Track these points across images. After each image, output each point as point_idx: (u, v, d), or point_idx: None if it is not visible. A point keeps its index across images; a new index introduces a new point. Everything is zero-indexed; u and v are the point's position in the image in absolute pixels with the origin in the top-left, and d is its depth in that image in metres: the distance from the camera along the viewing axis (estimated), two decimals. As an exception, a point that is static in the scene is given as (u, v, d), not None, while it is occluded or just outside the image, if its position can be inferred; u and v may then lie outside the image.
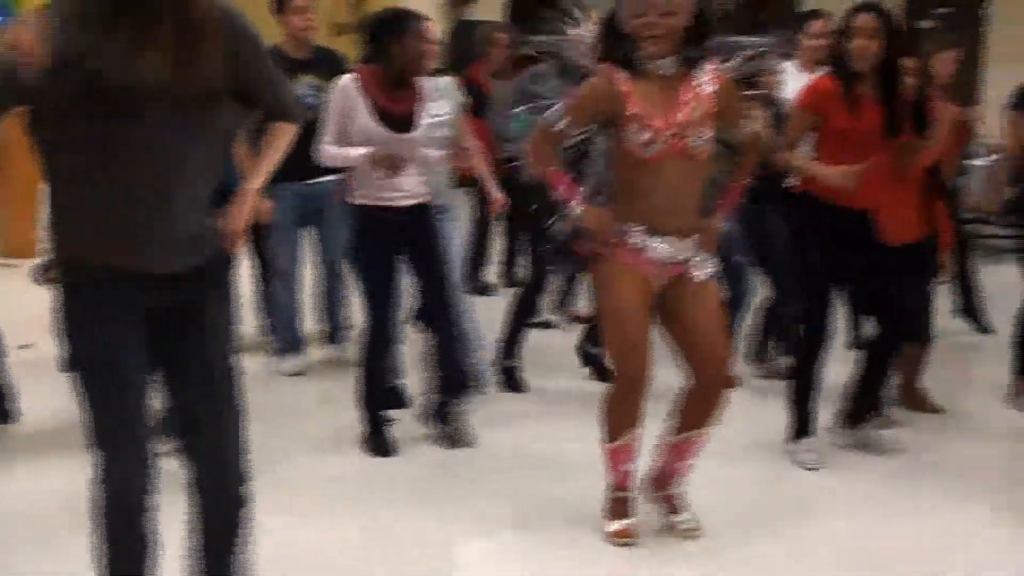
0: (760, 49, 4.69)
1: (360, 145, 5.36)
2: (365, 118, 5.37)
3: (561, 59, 4.65)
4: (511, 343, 6.82)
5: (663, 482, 4.85)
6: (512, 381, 6.81)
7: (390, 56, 5.40)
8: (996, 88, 9.35)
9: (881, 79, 5.39)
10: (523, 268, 7.83)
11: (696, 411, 4.67)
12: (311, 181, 6.49)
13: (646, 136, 4.32)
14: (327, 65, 6.63)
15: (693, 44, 4.41)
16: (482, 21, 14.75)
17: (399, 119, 5.43)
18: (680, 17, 4.31)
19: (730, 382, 4.76)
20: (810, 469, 5.64)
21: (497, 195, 6.59)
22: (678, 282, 4.56)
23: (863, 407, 5.85)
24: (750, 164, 4.74)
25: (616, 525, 4.72)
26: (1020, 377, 6.72)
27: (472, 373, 6.15)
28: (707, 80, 4.45)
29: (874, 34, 5.30)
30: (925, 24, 14.12)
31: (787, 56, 6.48)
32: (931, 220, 6.14)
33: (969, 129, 7.52)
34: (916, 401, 6.53)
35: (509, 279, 9.23)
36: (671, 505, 4.84)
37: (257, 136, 3.61)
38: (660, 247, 4.47)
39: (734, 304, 6.86)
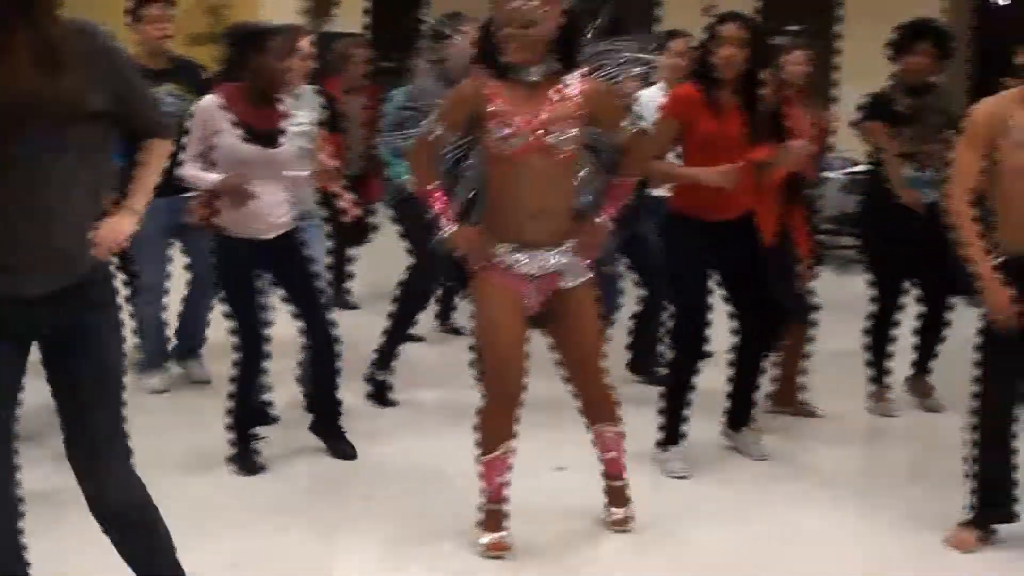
0: (625, 54, 4.78)
1: (226, 163, 5.26)
2: (231, 136, 5.27)
3: (441, 68, 4.64)
4: (388, 356, 6.72)
5: (604, 474, 4.95)
6: (381, 395, 6.68)
7: (252, 72, 5.30)
8: (848, 105, 9.49)
9: (743, 87, 5.45)
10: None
11: (590, 408, 4.83)
12: (179, 196, 6.27)
13: (506, 131, 4.35)
14: (185, 74, 6.53)
15: (561, 53, 4.47)
16: (342, 34, 14.71)
17: (265, 135, 5.33)
18: (542, 28, 4.36)
19: (607, 393, 4.83)
20: (679, 478, 5.64)
21: (351, 207, 6.41)
22: (557, 292, 4.58)
23: (741, 411, 5.92)
24: (634, 164, 4.75)
25: (489, 538, 4.67)
26: (876, 385, 6.81)
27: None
28: (574, 84, 4.48)
29: (741, 43, 5.38)
30: (778, 41, 14.35)
31: (647, 74, 6.47)
32: (789, 227, 6.23)
33: (824, 139, 7.62)
34: (793, 403, 6.62)
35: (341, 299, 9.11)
36: (608, 496, 4.93)
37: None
38: (527, 263, 4.48)
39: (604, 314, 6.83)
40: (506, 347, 4.51)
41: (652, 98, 6.66)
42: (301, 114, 5.75)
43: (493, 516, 4.70)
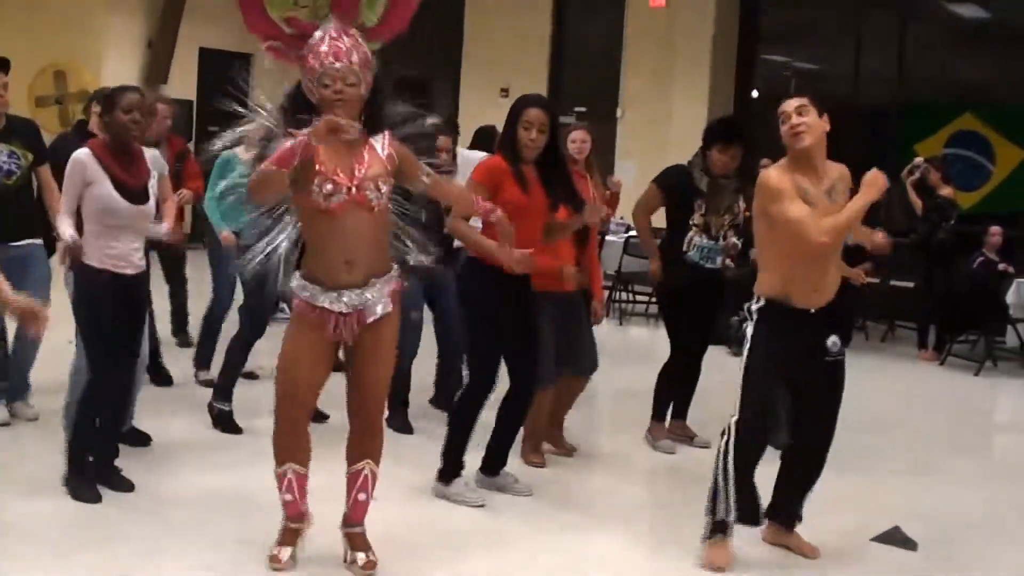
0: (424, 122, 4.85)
1: (100, 214, 5.22)
2: (109, 189, 5.22)
3: (260, 133, 4.58)
4: (227, 386, 6.71)
5: (346, 519, 4.70)
6: (228, 424, 6.61)
7: (107, 129, 5.35)
8: (625, 176, 9.75)
9: (544, 162, 5.56)
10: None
11: (355, 444, 4.65)
12: (13, 243, 6.17)
13: (330, 187, 4.33)
14: (23, 134, 6.32)
15: (370, 112, 4.50)
16: (175, 100, 14.52)
17: (135, 192, 5.32)
18: (360, 87, 4.40)
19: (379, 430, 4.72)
20: (477, 506, 5.56)
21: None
22: (363, 326, 4.51)
23: (500, 457, 5.83)
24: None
25: (276, 551, 4.59)
26: (654, 420, 6.92)
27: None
28: (382, 143, 4.52)
29: (542, 127, 5.49)
30: (564, 120, 14.65)
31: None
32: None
33: (615, 203, 7.81)
34: (556, 439, 6.59)
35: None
36: (353, 542, 4.68)
37: None
38: (336, 302, 4.42)
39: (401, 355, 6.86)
40: (293, 382, 4.47)
41: (470, 160, 6.72)
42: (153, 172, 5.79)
43: (287, 532, 4.63)
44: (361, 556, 4.62)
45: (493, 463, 5.84)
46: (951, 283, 10.72)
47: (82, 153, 5.29)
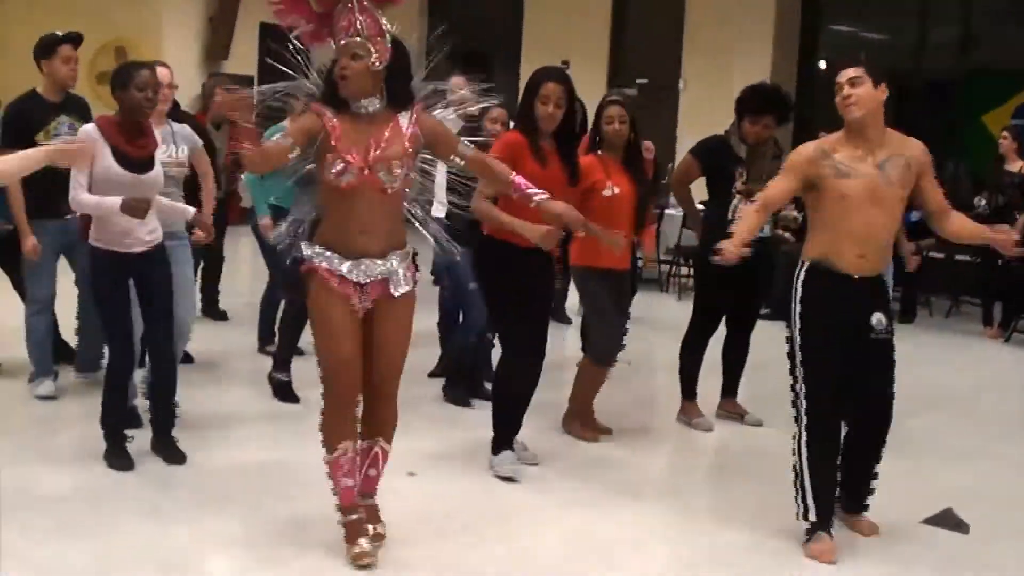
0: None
1: (100, 186, 5.24)
2: (108, 161, 5.26)
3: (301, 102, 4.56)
4: (285, 358, 6.79)
5: (361, 492, 4.63)
6: (287, 394, 6.70)
7: (120, 104, 5.37)
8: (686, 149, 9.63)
9: (560, 137, 5.57)
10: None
11: (371, 420, 4.59)
12: (65, 217, 6.18)
13: (340, 167, 4.30)
14: (77, 108, 6.50)
15: (395, 88, 4.43)
16: (236, 75, 14.59)
17: (139, 162, 5.35)
18: (369, 59, 4.32)
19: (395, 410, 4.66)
20: (508, 479, 5.57)
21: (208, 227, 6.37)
22: (380, 299, 4.47)
23: (510, 432, 5.76)
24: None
25: (356, 548, 4.46)
26: (684, 400, 6.81)
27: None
28: (408, 119, 4.45)
29: (559, 102, 5.49)
30: (628, 92, 14.54)
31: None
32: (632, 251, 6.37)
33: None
34: (589, 421, 6.48)
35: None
36: (367, 514, 4.63)
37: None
38: (353, 271, 4.39)
39: (467, 327, 6.93)
40: (341, 350, 4.39)
41: None
42: (170, 148, 5.93)
43: (352, 526, 4.52)
44: (369, 527, 4.57)
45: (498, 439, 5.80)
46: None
47: (88, 127, 5.40)
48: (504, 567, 4.59)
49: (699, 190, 6.88)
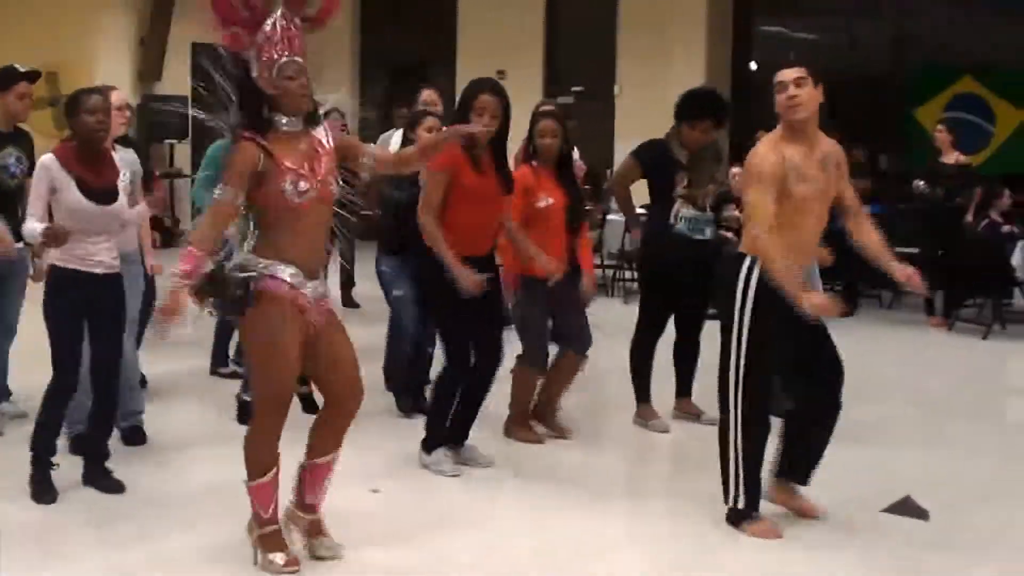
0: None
1: (68, 218, 5.19)
2: (74, 194, 5.20)
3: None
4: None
5: (307, 507, 4.61)
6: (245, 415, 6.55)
7: (74, 131, 5.29)
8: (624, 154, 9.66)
9: (495, 147, 5.66)
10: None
11: (331, 435, 4.56)
12: None
13: (304, 185, 4.28)
14: (23, 141, 6.44)
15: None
16: (169, 96, 14.48)
17: (102, 192, 5.29)
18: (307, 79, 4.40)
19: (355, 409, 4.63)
20: (451, 476, 5.69)
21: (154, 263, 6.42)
22: (324, 317, 4.47)
23: (464, 431, 5.91)
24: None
25: (281, 557, 4.42)
26: (640, 404, 6.83)
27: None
28: (324, 135, 4.49)
29: (495, 114, 5.57)
30: (563, 99, 14.58)
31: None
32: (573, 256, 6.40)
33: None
34: (551, 421, 6.54)
35: None
36: (315, 529, 4.61)
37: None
38: (311, 289, 4.38)
39: (400, 335, 6.99)
40: (289, 374, 4.36)
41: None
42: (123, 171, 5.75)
43: (274, 537, 4.47)
44: (328, 539, 4.61)
45: (456, 436, 5.90)
46: (957, 248, 10.62)
47: (47, 158, 5.29)
48: (471, 570, 4.61)
49: (641, 196, 6.90)
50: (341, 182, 4.56)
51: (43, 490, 5.27)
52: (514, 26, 15.40)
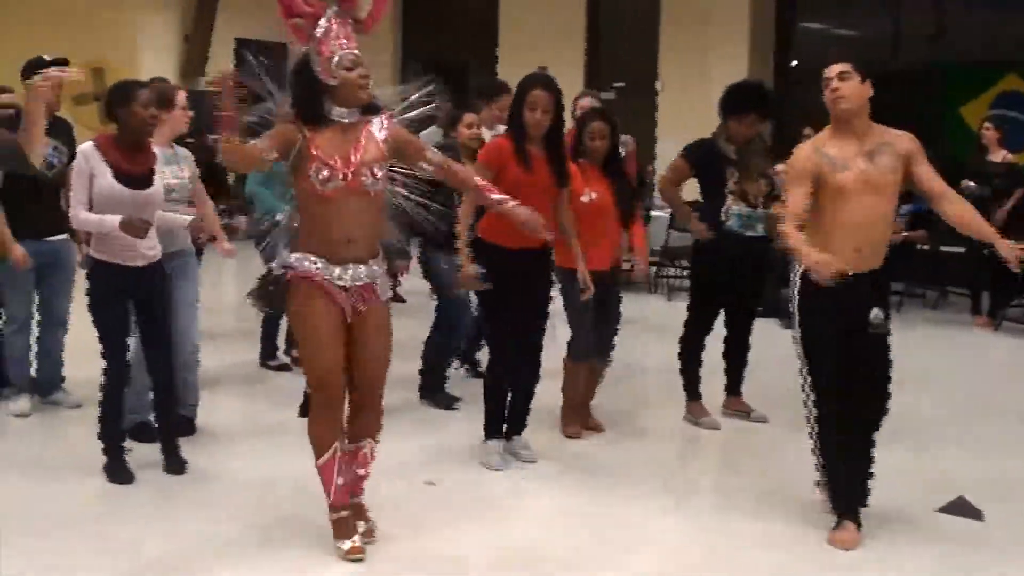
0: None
1: (102, 204, 5.29)
2: (107, 179, 5.30)
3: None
4: None
5: (351, 492, 4.71)
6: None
7: (119, 122, 5.37)
8: (666, 154, 9.64)
9: (548, 141, 5.67)
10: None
11: (359, 422, 4.68)
12: (48, 238, 6.38)
13: (325, 174, 4.34)
14: (63, 132, 6.56)
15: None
16: (210, 91, 14.54)
17: (137, 178, 5.38)
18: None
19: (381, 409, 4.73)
20: (495, 469, 5.73)
21: (228, 247, 6.40)
22: (363, 303, 4.53)
23: (513, 424, 5.94)
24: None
25: (347, 544, 4.57)
26: (692, 402, 6.80)
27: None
28: (380, 128, 4.55)
29: (547, 108, 5.60)
30: (605, 96, 14.55)
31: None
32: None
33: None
34: (586, 419, 6.54)
35: None
36: (356, 512, 4.71)
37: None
38: (340, 275, 4.45)
39: (452, 332, 7.01)
40: (327, 356, 4.47)
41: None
42: (174, 169, 5.91)
43: (343, 523, 4.61)
44: (361, 524, 4.68)
45: (508, 429, 5.94)
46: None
47: (85, 146, 5.41)
48: (507, 563, 4.64)
49: (689, 194, 6.90)
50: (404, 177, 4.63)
51: (119, 474, 5.43)
52: (555, 23, 15.40)
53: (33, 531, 4.74)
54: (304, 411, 6.49)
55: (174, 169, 5.93)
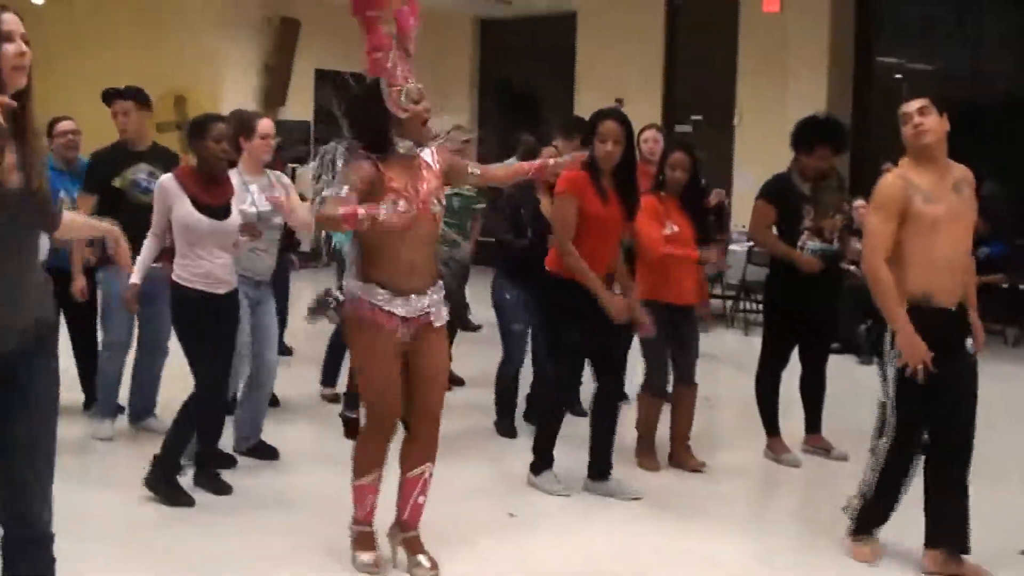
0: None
1: (183, 233, 5.49)
2: (188, 209, 5.47)
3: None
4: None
5: (404, 525, 4.74)
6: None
7: (197, 155, 5.57)
8: (742, 186, 9.60)
9: (620, 175, 5.69)
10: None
11: (415, 450, 4.69)
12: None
13: (403, 205, 4.36)
14: (161, 159, 6.71)
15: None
16: (293, 121, 14.76)
17: (216, 209, 5.54)
18: None
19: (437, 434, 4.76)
20: (561, 495, 5.78)
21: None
22: (421, 330, 4.60)
23: (602, 462, 5.90)
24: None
25: (367, 556, 4.66)
26: (772, 438, 6.73)
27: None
28: (432, 156, 4.66)
29: (618, 139, 5.60)
30: (682, 128, 14.50)
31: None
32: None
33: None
34: (683, 456, 6.46)
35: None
36: (412, 546, 4.71)
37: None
38: (403, 306, 4.50)
39: (510, 362, 7.06)
40: (382, 382, 4.54)
41: None
42: (272, 193, 5.98)
43: (366, 537, 4.71)
44: (424, 559, 4.68)
45: (597, 468, 5.91)
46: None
47: (165, 178, 5.59)
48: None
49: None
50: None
51: (179, 497, 5.48)
52: (633, 55, 15.39)
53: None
54: (349, 433, 6.63)
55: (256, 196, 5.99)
